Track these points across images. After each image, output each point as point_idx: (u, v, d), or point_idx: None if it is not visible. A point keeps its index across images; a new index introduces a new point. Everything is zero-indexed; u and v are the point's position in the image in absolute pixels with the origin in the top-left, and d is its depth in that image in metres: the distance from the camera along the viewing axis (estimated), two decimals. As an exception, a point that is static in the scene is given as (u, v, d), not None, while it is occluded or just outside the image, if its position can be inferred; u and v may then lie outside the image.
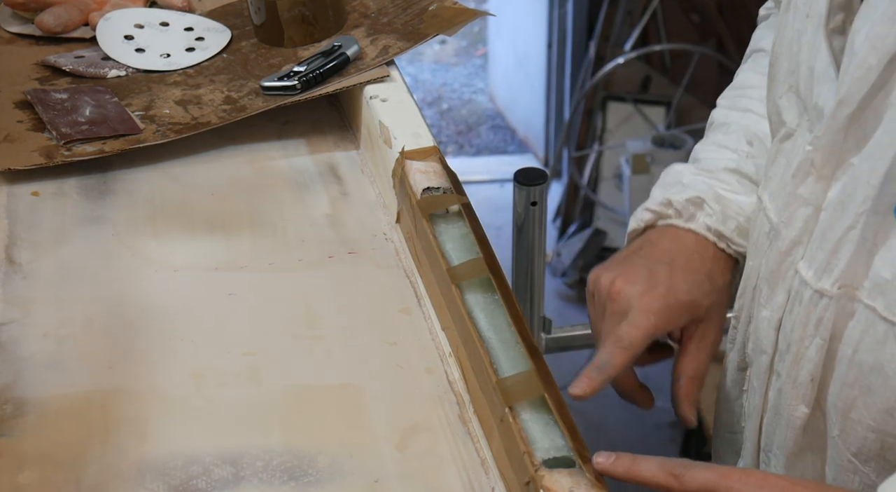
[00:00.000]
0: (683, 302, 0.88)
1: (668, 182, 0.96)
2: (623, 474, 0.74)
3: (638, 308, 0.87)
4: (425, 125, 1.11)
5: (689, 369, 0.91)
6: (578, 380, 0.85)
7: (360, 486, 0.81)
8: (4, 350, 0.92)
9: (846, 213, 0.74)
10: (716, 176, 0.95)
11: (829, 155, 0.75)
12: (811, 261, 0.77)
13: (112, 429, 0.85)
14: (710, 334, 0.91)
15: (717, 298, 0.91)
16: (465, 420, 0.86)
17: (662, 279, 0.89)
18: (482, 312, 0.90)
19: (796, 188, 0.78)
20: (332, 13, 1.27)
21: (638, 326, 0.86)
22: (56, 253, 1.04)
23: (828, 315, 0.77)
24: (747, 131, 0.97)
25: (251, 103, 1.19)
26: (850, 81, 0.72)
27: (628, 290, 0.88)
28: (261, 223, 1.09)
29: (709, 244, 0.92)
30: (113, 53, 1.29)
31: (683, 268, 0.90)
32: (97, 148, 1.15)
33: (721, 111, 1.01)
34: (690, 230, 0.93)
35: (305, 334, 0.95)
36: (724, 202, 0.93)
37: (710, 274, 0.91)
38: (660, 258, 0.91)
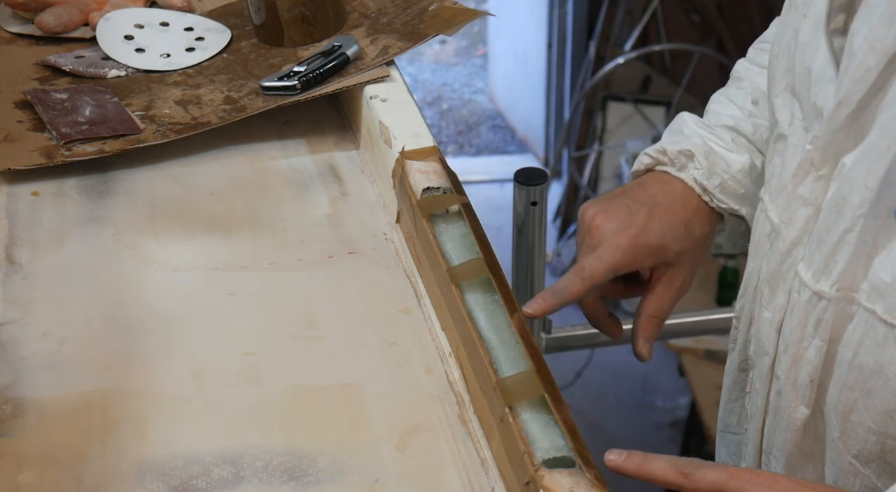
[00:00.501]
0: (653, 245, 0.93)
1: (673, 130, 1.01)
2: (634, 471, 0.74)
3: (608, 244, 0.92)
4: (425, 125, 1.11)
5: (651, 309, 0.95)
6: (534, 300, 0.90)
7: (360, 486, 0.81)
8: (4, 350, 0.92)
9: (843, 215, 0.73)
10: (713, 131, 0.98)
11: (827, 154, 0.75)
12: (810, 262, 0.78)
13: (112, 429, 0.85)
14: (678, 279, 0.96)
15: (689, 245, 0.95)
16: (465, 420, 0.86)
17: (638, 221, 0.93)
18: (482, 312, 0.90)
19: (796, 188, 0.78)
20: (332, 13, 1.27)
21: (601, 260, 0.91)
22: (56, 253, 1.04)
23: (826, 317, 0.77)
24: (756, 89, 0.99)
25: (251, 103, 1.19)
26: (849, 82, 0.72)
27: (604, 226, 0.93)
28: (261, 223, 1.09)
29: (694, 195, 0.96)
30: (113, 53, 1.29)
31: (663, 213, 0.94)
32: (97, 148, 1.15)
33: (743, 63, 1.04)
34: (681, 179, 0.96)
35: (305, 334, 0.95)
36: (713, 158, 0.96)
37: (687, 222, 0.95)
38: (643, 201, 0.95)
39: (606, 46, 3.30)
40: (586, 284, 0.91)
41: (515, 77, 4.07)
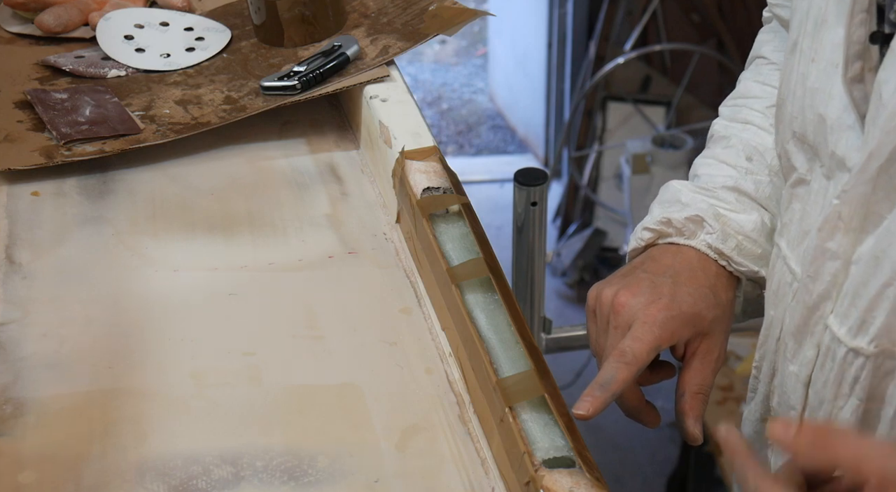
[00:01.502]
0: (687, 314, 0.87)
1: (667, 200, 0.95)
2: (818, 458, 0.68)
3: (641, 320, 0.85)
4: (425, 125, 1.11)
5: (694, 385, 0.88)
6: (582, 399, 0.82)
7: (360, 486, 0.81)
8: (4, 350, 0.92)
9: (881, 269, 0.72)
10: (714, 194, 0.93)
11: (858, 207, 0.73)
12: (844, 318, 0.76)
13: (112, 429, 0.85)
14: (714, 350, 0.89)
15: (720, 312, 0.89)
16: (465, 420, 0.86)
17: (666, 291, 0.87)
18: (482, 312, 0.90)
19: (823, 242, 0.76)
20: (332, 13, 1.27)
21: (641, 339, 0.84)
22: (56, 253, 1.04)
23: (864, 374, 0.75)
24: (747, 146, 0.95)
25: (251, 103, 1.19)
26: (879, 134, 0.70)
27: (632, 302, 0.86)
28: (261, 223, 1.09)
29: (710, 260, 0.91)
30: (113, 53, 1.29)
31: (687, 281, 0.89)
32: (97, 148, 1.15)
33: (721, 122, 0.99)
34: (692, 246, 0.91)
35: (305, 334, 0.95)
36: (724, 221, 0.91)
37: (713, 288, 0.89)
38: (662, 272, 0.90)
39: (606, 46, 3.30)
40: (632, 369, 0.83)
41: (515, 77, 4.07)
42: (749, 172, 0.94)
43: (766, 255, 0.91)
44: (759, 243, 0.91)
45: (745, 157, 0.94)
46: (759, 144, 0.95)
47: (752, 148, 0.94)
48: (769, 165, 0.93)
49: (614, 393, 0.83)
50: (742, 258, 0.90)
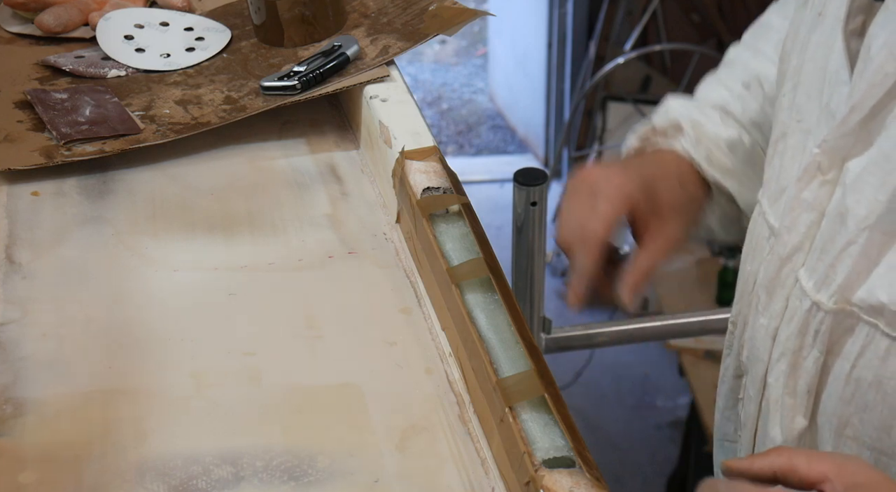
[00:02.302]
0: (646, 180, 0.91)
1: (659, 111, 1.00)
2: None
3: (603, 192, 0.89)
4: (425, 125, 1.11)
5: (643, 262, 0.91)
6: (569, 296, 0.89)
7: (360, 486, 0.81)
8: (4, 350, 0.92)
9: (846, 226, 0.72)
10: (700, 109, 0.97)
11: (835, 159, 0.74)
12: (812, 271, 0.76)
13: (112, 429, 0.85)
14: (668, 232, 0.92)
15: (682, 201, 0.93)
16: (465, 420, 0.86)
17: (633, 170, 0.92)
18: (482, 312, 0.90)
19: (800, 192, 0.77)
20: (332, 13, 1.27)
21: (599, 214, 0.89)
22: (56, 253, 1.04)
23: (824, 328, 0.75)
24: (748, 72, 0.98)
25: (251, 103, 1.19)
26: (864, 87, 0.71)
27: (600, 172, 0.92)
28: (261, 223, 1.09)
29: (685, 160, 0.94)
30: (113, 53, 1.29)
31: (655, 166, 0.93)
32: (97, 148, 1.15)
33: (736, 48, 1.02)
34: (672, 150, 0.95)
35: (305, 334, 0.95)
36: (699, 129, 0.94)
37: (680, 178, 0.93)
38: (635, 162, 0.95)
39: (606, 46, 3.30)
40: (595, 247, 0.88)
41: (515, 77, 4.07)
42: (741, 97, 0.97)
43: (737, 171, 0.94)
44: (730, 157, 0.94)
45: (742, 83, 0.97)
46: (762, 73, 0.97)
47: (753, 76, 0.97)
48: (766, 93, 0.96)
49: (589, 274, 0.88)
50: (710, 167, 0.94)
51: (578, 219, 0.90)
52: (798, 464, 0.67)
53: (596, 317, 3.25)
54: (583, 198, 0.91)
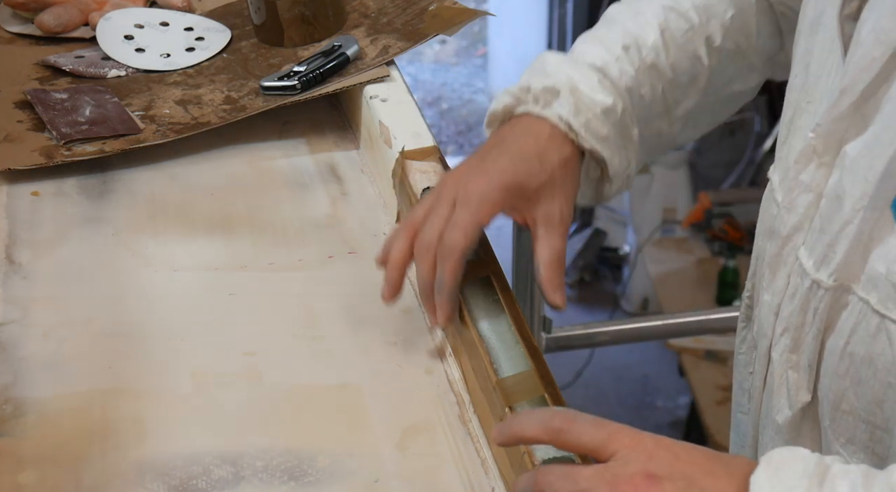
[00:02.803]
0: (508, 184, 0.87)
1: (534, 68, 0.97)
2: (509, 439, 0.72)
3: (461, 200, 0.87)
4: (425, 125, 1.11)
5: (545, 256, 0.89)
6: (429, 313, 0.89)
7: (360, 486, 0.81)
8: (4, 350, 0.92)
9: (843, 207, 0.74)
10: (579, 69, 0.94)
11: (830, 142, 0.75)
12: (811, 250, 0.78)
13: (112, 429, 0.85)
14: (554, 214, 0.90)
15: (546, 177, 0.89)
16: (465, 420, 0.86)
17: (488, 166, 0.89)
18: (482, 312, 0.90)
19: (798, 174, 0.78)
20: (332, 13, 1.27)
21: (458, 225, 0.86)
22: (56, 253, 1.04)
23: (822, 306, 0.77)
24: (628, 34, 0.96)
25: (251, 103, 1.19)
26: (853, 71, 0.72)
27: (456, 178, 0.89)
28: (261, 223, 1.09)
29: (544, 124, 0.91)
30: (113, 53, 1.29)
31: (512, 149, 0.90)
32: (97, 148, 1.15)
33: (616, 7, 1.00)
34: (543, 118, 0.92)
35: (305, 334, 0.95)
36: (578, 95, 0.92)
37: (540, 154, 0.90)
38: (494, 144, 0.92)
39: (606, 46, 3.30)
40: (457, 262, 0.86)
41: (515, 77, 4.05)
42: (619, 60, 0.94)
43: (609, 138, 0.92)
44: (605, 125, 0.92)
45: (623, 45, 0.95)
46: (641, 37, 0.95)
47: (633, 39, 0.95)
48: (642, 58, 0.95)
49: (451, 290, 0.87)
50: (588, 135, 0.91)
51: (438, 228, 0.87)
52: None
53: (596, 317, 3.26)
54: (446, 205, 0.88)
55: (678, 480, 0.66)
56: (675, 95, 0.98)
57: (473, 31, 4.79)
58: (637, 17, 0.97)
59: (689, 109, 0.99)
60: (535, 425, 0.70)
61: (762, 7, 0.99)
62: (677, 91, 0.98)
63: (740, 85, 1.03)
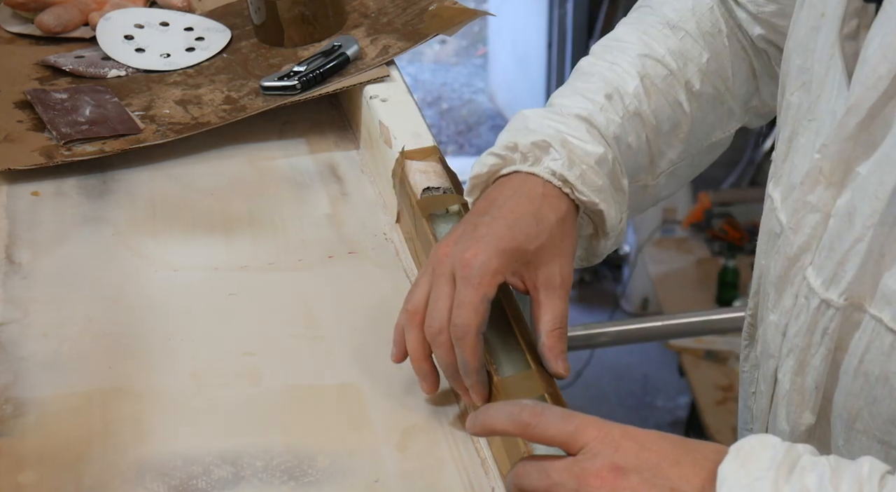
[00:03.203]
0: (506, 250, 0.83)
1: (516, 126, 0.93)
2: (480, 429, 0.72)
3: (461, 275, 0.83)
4: (425, 125, 1.11)
5: (547, 323, 0.85)
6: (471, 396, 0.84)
7: (360, 486, 0.81)
8: (4, 350, 0.92)
9: (853, 225, 0.73)
10: (564, 121, 0.91)
11: (837, 162, 0.74)
12: (820, 270, 0.77)
13: (112, 429, 0.85)
14: (554, 277, 0.86)
15: (545, 238, 0.85)
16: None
17: (482, 232, 0.84)
18: (482, 312, 0.89)
19: (805, 195, 0.77)
20: (332, 13, 1.27)
21: (465, 304, 0.82)
22: (56, 253, 1.04)
23: (833, 326, 0.76)
24: (608, 84, 0.94)
25: (251, 103, 1.19)
26: (859, 90, 0.71)
27: (452, 250, 0.84)
28: (261, 223, 1.09)
29: (536, 182, 0.87)
30: (113, 53, 1.29)
31: (506, 213, 0.86)
32: (97, 148, 1.15)
33: (589, 59, 0.98)
34: (534, 174, 0.88)
35: (305, 334, 0.95)
36: (570, 147, 0.88)
37: (536, 214, 0.86)
38: (485, 210, 0.86)
39: (606, 46, 3.30)
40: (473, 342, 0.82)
41: (515, 77, 4.07)
42: (604, 109, 0.92)
43: (605, 188, 0.89)
44: (600, 175, 0.89)
45: (605, 94, 0.93)
46: (622, 85, 0.94)
47: (614, 88, 0.94)
48: (626, 107, 0.93)
49: (478, 370, 0.82)
50: (585, 187, 0.88)
51: (446, 309, 0.83)
52: None
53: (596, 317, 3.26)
54: (446, 282, 0.84)
55: (644, 471, 0.66)
56: (659, 145, 0.96)
57: (473, 31, 4.79)
58: (613, 67, 0.96)
59: (673, 161, 0.98)
60: (505, 419, 0.70)
61: (736, 49, 0.99)
62: (661, 140, 0.96)
63: (720, 132, 1.01)
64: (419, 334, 0.84)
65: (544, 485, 0.68)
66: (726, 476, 0.65)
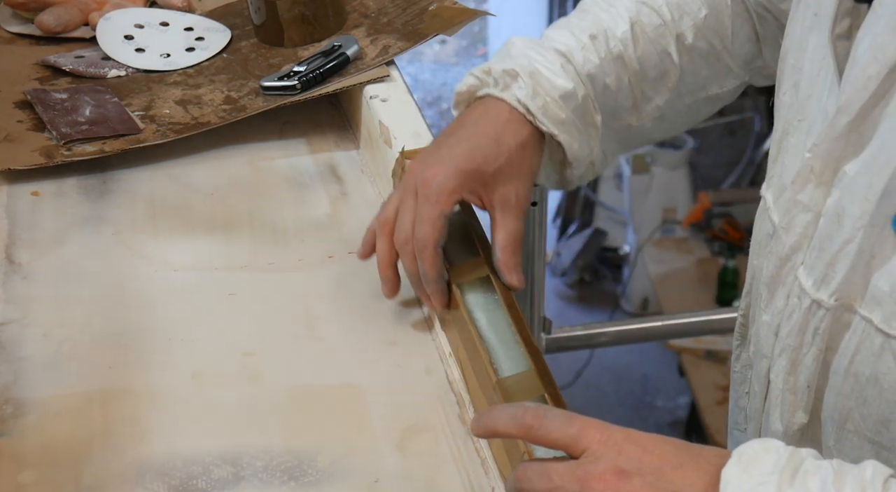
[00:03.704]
0: (464, 170, 0.90)
1: (501, 52, 0.98)
2: (483, 431, 0.72)
3: (422, 193, 0.90)
4: (425, 125, 1.11)
5: (501, 239, 0.91)
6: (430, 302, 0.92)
7: (360, 486, 0.81)
8: (4, 350, 0.92)
9: (843, 226, 0.73)
10: (543, 53, 0.95)
11: (828, 161, 0.75)
12: (811, 270, 0.77)
13: (112, 429, 0.85)
14: (510, 198, 0.92)
15: (503, 161, 0.92)
16: (465, 420, 0.86)
17: (444, 153, 0.91)
18: (482, 312, 0.90)
19: (796, 194, 0.77)
20: (332, 13, 1.27)
21: (424, 220, 0.89)
22: (56, 253, 1.04)
23: (823, 326, 0.76)
24: (598, 25, 0.97)
25: (251, 103, 1.20)
26: (850, 90, 0.72)
27: (416, 168, 0.92)
28: (261, 223, 1.09)
29: (502, 107, 0.93)
30: (113, 53, 1.29)
31: (469, 136, 0.92)
32: (97, 148, 1.15)
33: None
34: (502, 100, 0.93)
35: (305, 334, 0.95)
36: (538, 78, 0.93)
37: (497, 137, 0.92)
38: (451, 131, 0.94)
39: (606, 46, 3.30)
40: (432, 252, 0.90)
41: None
42: (585, 48, 0.96)
43: (568, 123, 0.94)
44: (564, 109, 0.93)
45: (590, 34, 0.96)
46: (611, 27, 0.97)
47: (603, 29, 0.97)
48: (609, 49, 0.96)
49: (435, 280, 0.91)
50: (545, 118, 0.93)
51: (409, 223, 0.91)
52: None
53: (596, 317, 3.25)
54: (410, 198, 0.91)
55: (647, 474, 0.66)
56: (644, 90, 0.99)
57: (473, 31, 4.79)
58: (610, 9, 0.98)
59: (660, 107, 1.00)
60: (508, 421, 0.70)
61: (738, 10, 0.99)
62: (646, 85, 0.99)
63: (717, 88, 1.03)
64: (387, 243, 0.93)
65: (546, 488, 0.68)
66: (729, 480, 0.65)
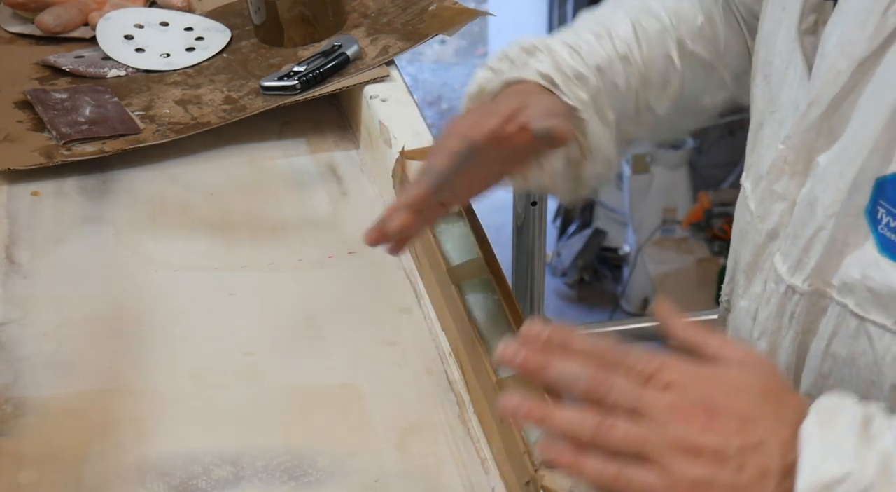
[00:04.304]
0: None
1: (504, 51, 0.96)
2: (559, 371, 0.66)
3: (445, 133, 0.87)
4: (425, 125, 1.11)
5: None
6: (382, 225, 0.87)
7: (360, 486, 0.81)
8: (4, 350, 0.92)
9: (816, 215, 0.75)
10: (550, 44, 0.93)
11: (801, 153, 0.77)
12: (786, 257, 0.79)
13: (112, 429, 0.85)
14: None
15: None
16: (464, 420, 0.86)
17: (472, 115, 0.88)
18: (482, 312, 0.90)
19: (771, 184, 0.80)
20: (332, 13, 1.27)
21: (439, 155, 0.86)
22: (56, 253, 1.04)
23: (799, 310, 0.78)
24: (601, 26, 0.96)
25: (251, 103, 1.19)
26: (820, 84, 0.74)
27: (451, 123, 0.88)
28: (261, 223, 1.09)
29: (531, 85, 0.90)
30: (113, 53, 1.29)
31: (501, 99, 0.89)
32: (97, 148, 1.15)
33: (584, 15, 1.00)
34: (522, 79, 0.90)
35: (305, 334, 0.95)
36: (554, 54, 0.91)
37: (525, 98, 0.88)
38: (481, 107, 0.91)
39: (606, 46, 3.30)
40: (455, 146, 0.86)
41: (515, 77, 4.06)
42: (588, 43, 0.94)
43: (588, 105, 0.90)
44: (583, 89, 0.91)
45: (595, 33, 0.95)
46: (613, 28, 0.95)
47: (605, 29, 0.95)
48: (615, 47, 0.94)
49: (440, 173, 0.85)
50: (568, 90, 0.90)
51: None
52: None
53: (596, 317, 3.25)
54: None
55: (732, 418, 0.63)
56: (648, 98, 0.97)
57: (473, 31, 4.78)
58: (610, 14, 0.97)
59: (658, 118, 0.98)
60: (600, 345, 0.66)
61: (731, 22, 1.00)
62: (650, 93, 0.97)
63: (709, 99, 1.02)
64: None
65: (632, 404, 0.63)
66: (808, 438, 0.63)
